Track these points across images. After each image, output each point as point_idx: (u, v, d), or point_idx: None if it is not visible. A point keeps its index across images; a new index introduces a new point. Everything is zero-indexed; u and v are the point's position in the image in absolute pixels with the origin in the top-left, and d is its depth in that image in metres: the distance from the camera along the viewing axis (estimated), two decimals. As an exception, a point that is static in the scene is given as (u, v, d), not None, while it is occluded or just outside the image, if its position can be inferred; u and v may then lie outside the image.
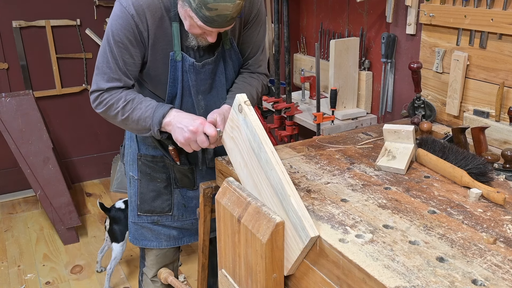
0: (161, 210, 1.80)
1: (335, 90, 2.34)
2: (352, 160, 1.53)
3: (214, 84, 1.69)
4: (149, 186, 1.78)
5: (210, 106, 1.69)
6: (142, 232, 1.83)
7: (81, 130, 3.83)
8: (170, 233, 1.83)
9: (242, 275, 1.26)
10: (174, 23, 1.55)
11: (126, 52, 1.55)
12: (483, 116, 1.74)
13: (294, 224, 1.08)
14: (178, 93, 1.64)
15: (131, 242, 1.86)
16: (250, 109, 1.20)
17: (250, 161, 1.21)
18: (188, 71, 1.61)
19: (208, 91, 1.69)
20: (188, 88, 1.64)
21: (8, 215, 3.46)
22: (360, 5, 2.45)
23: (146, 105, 1.57)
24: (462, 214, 1.18)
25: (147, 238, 1.83)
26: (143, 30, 1.53)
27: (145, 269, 1.91)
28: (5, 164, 3.60)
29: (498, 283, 0.92)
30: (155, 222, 1.81)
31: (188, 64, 1.60)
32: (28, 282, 2.72)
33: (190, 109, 1.66)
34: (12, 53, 3.44)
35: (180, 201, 1.81)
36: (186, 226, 1.84)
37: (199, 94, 1.67)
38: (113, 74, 1.57)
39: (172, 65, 1.60)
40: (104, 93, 1.58)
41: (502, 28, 1.61)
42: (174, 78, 1.62)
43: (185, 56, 1.60)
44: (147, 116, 1.55)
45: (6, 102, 2.89)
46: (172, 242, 1.84)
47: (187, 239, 1.87)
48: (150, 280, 1.91)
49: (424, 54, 1.97)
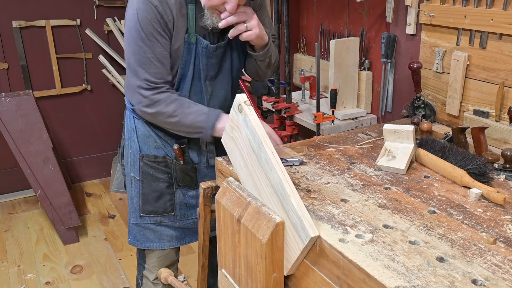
0: (164, 210, 1.79)
1: (335, 90, 2.34)
2: (352, 160, 1.53)
3: (221, 70, 1.70)
4: (151, 186, 1.78)
5: (215, 92, 1.71)
6: (144, 233, 1.81)
7: (81, 130, 3.83)
8: (173, 233, 1.83)
9: (242, 275, 1.26)
10: (190, 4, 1.56)
11: (159, 45, 1.54)
12: (483, 116, 1.74)
13: (294, 224, 1.08)
14: (188, 76, 1.64)
15: (131, 244, 1.85)
16: (250, 109, 1.20)
17: (250, 161, 1.21)
18: (200, 54, 1.62)
19: (214, 77, 1.70)
20: (198, 72, 1.65)
21: (8, 215, 3.46)
22: (360, 5, 2.45)
23: (197, 109, 1.60)
24: (462, 214, 1.18)
25: (149, 239, 1.82)
26: (168, 21, 1.54)
27: (146, 272, 1.89)
28: (5, 164, 3.60)
29: (498, 283, 0.92)
30: (158, 223, 1.80)
31: (201, 47, 1.61)
32: (28, 282, 2.72)
33: (199, 94, 1.68)
34: (12, 53, 3.44)
35: (182, 200, 1.81)
36: (188, 225, 1.85)
37: (207, 79, 1.68)
38: (155, 69, 1.56)
39: (186, 47, 1.60)
40: (150, 93, 1.57)
41: (502, 28, 1.61)
42: (186, 61, 1.62)
43: (199, 38, 1.60)
44: (200, 120, 1.59)
45: (6, 102, 2.89)
46: (174, 243, 1.84)
47: (189, 239, 1.87)
48: (152, 282, 1.89)
49: (424, 54, 1.97)
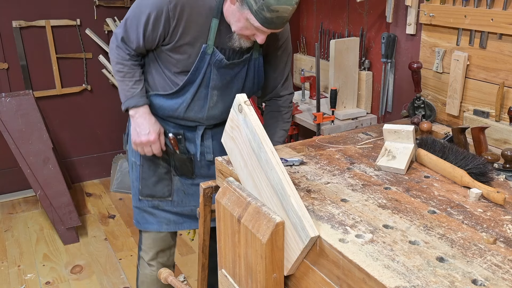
0: (162, 194, 1.88)
1: (335, 90, 2.34)
2: (352, 160, 1.53)
3: (232, 84, 1.79)
4: (150, 171, 1.87)
5: (219, 103, 1.80)
6: (143, 216, 1.92)
7: (81, 130, 3.83)
8: (170, 217, 1.92)
9: (242, 275, 1.26)
10: (215, 19, 1.65)
11: (141, 29, 1.67)
12: (483, 116, 1.74)
13: (294, 224, 1.08)
14: (196, 82, 1.74)
15: (135, 226, 1.97)
16: (250, 109, 1.20)
17: (250, 161, 1.21)
18: (213, 65, 1.71)
19: (224, 88, 1.78)
20: (207, 81, 1.74)
21: (8, 215, 3.45)
22: (360, 5, 2.45)
23: (132, 85, 1.76)
24: (462, 214, 1.18)
25: (148, 221, 1.92)
26: (172, 19, 1.63)
27: (142, 252, 2.00)
28: (5, 164, 3.60)
29: (498, 283, 0.92)
30: (155, 207, 1.90)
31: (216, 59, 1.70)
32: (28, 282, 2.72)
33: (202, 100, 1.77)
34: (12, 53, 3.44)
35: (179, 187, 1.90)
36: (185, 212, 1.93)
37: (215, 89, 1.77)
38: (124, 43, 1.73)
39: (201, 57, 1.70)
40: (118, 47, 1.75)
41: (502, 28, 1.61)
42: (197, 68, 1.71)
43: (216, 51, 1.69)
44: (125, 95, 1.76)
45: (6, 102, 2.89)
46: (172, 226, 1.93)
47: (187, 225, 1.95)
48: (147, 263, 2.00)
49: (424, 54, 1.97)
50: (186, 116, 1.81)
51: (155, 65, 1.79)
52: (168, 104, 1.79)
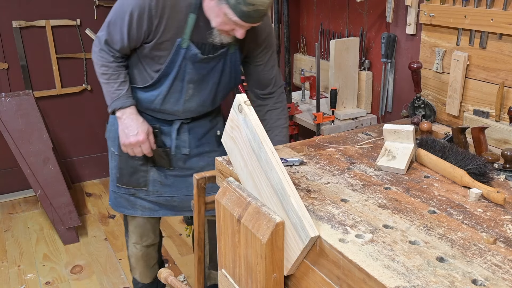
0: (137, 184, 1.96)
1: (335, 90, 2.34)
2: (352, 160, 1.53)
3: (208, 78, 1.81)
4: (127, 162, 1.93)
5: (195, 97, 1.84)
6: (120, 201, 2.01)
7: (81, 130, 3.82)
8: (146, 204, 1.99)
9: (242, 275, 1.26)
10: (192, 14, 1.68)
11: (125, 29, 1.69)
12: (483, 116, 1.74)
13: (294, 224, 1.08)
14: (171, 75, 1.77)
15: (111, 207, 2.06)
16: (250, 109, 1.20)
17: (250, 161, 1.21)
18: (188, 59, 1.73)
19: (199, 82, 1.81)
20: (182, 74, 1.77)
21: (8, 215, 3.46)
22: (360, 5, 2.45)
23: (117, 87, 1.78)
24: (462, 214, 1.18)
25: (124, 206, 2.01)
26: (154, 16, 1.65)
27: (128, 233, 2.13)
28: (5, 164, 3.60)
29: (498, 283, 0.92)
30: (131, 194, 1.98)
31: (191, 53, 1.72)
32: (28, 282, 2.72)
33: (178, 93, 1.81)
34: (12, 53, 3.44)
35: (156, 178, 1.95)
36: (161, 201, 1.99)
37: (191, 82, 1.80)
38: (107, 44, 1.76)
39: (176, 50, 1.72)
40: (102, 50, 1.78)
41: (502, 28, 1.61)
42: (172, 61, 1.74)
43: (191, 45, 1.72)
44: (110, 97, 1.79)
45: (6, 102, 2.89)
46: (147, 213, 2.01)
47: (162, 212, 2.03)
48: (132, 244, 2.13)
49: (424, 54, 1.97)
50: (163, 109, 1.85)
51: (135, 60, 1.82)
52: (145, 96, 1.83)
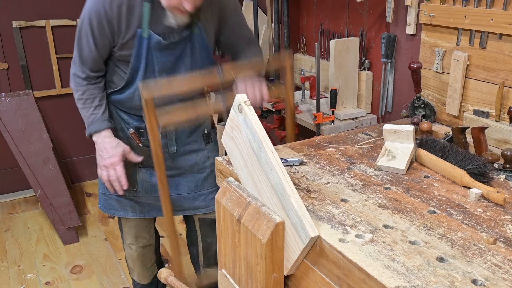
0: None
1: (335, 90, 2.34)
2: (352, 160, 1.53)
3: (179, 64, 1.80)
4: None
5: None
6: (110, 203, 2.01)
7: (81, 130, 3.79)
8: (135, 205, 1.99)
9: (242, 275, 1.26)
10: (146, 3, 1.66)
11: (90, 39, 1.69)
12: (483, 116, 1.74)
13: (294, 224, 1.08)
14: (141, 69, 1.76)
15: (101, 210, 2.06)
16: (250, 109, 1.20)
17: (250, 161, 1.21)
18: (153, 48, 1.72)
19: (171, 70, 1.79)
20: (152, 65, 1.76)
21: (8, 215, 3.46)
22: (360, 5, 2.45)
23: (92, 111, 1.80)
24: (462, 214, 1.18)
25: (114, 208, 2.01)
26: (112, 18, 1.65)
27: (123, 234, 2.14)
28: (5, 164, 3.60)
29: (498, 283, 0.92)
30: (121, 195, 1.94)
31: (153, 42, 1.71)
32: (28, 282, 2.72)
33: None
34: (12, 53, 3.44)
35: (145, 179, 1.94)
36: (150, 201, 1.98)
37: (163, 71, 1.77)
38: (79, 65, 1.77)
39: (139, 42, 1.71)
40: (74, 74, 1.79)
41: (502, 28, 1.61)
42: (138, 54, 1.73)
43: (152, 33, 1.70)
44: (87, 121, 1.82)
45: (6, 102, 2.89)
46: (137, 214, 2.00)
47: (153, 213, 2.02)
48: (128, 245, 2.14)
49: (424, 54, 1.97)
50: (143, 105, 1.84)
51: (111, 66, 1.82)
52: (124, 96, 1.83)
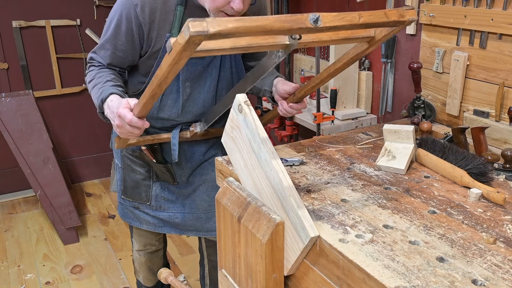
0: (140, 199, 1.93)
1: (335, 90, 2.34)
2: (352, 160, 1.53)
3: (205, 75, 1.72)
4: (129, 176, 1.90)
5: (194, 95, 1.73)
6: (126, 212, 1.99)
7: (81, 130, 3.83)
8: (149, 219, 1.95)
9: (242, 275, 1.26)
10: (179, 6, 1.58)
11: (122, 40, 1.62)
12: (483, 116, 1.74)
13: (294, 224, 1.08)
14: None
15: (120, 217, 2.06)
16: (250, 109, 1.20)
17: (250, 161, 1.21)
18: None
19: (197, 80, 1.71)
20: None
21: (8, 215, 3.46)
22: (360, 5, 2.45)
23: (101, 86, 1.57)
24: (462, 214, 1.18)
25: (130, 217, 1.99)
26: (143, 23, 1.57)
27: (133, 240, 2.13)
28: (5, 164, 3.60)
29: (498, 283, 0.92)
30: (136, 207, 1.95)
31: None
32: (28, 282, 2.72)
33: (175, 93, 1.71)
34: (12, 53, 3.44)
35: (159, 193, 1.90)
36: (163, 217, 1.92)
37: (187, 80, 1.70)
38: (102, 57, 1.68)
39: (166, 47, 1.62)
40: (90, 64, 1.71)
41: (502, 28, 1.61)
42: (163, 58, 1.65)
43: None
44: (97, 98, 1.55)
45: (6, 102, 2.89)
46: (151, 227, 1.97)
47: (167, 229, 1.97)
48: (136, 250, 2.13)
49: (424, 54, 1.97)
50: (161, 115, 1.75)
51: (133, 73, 1.75)
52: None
